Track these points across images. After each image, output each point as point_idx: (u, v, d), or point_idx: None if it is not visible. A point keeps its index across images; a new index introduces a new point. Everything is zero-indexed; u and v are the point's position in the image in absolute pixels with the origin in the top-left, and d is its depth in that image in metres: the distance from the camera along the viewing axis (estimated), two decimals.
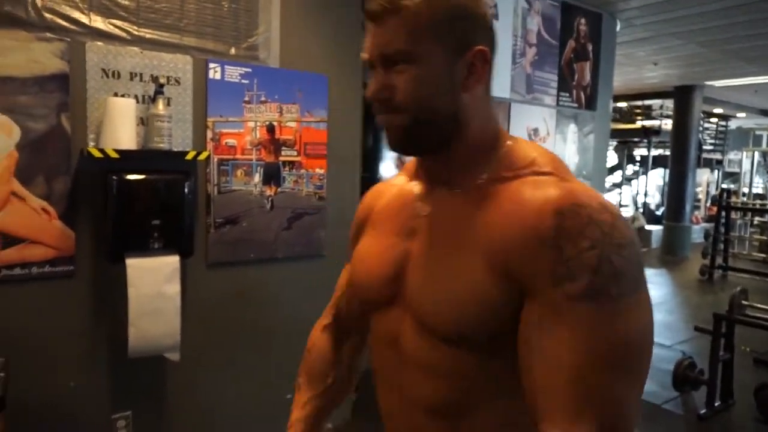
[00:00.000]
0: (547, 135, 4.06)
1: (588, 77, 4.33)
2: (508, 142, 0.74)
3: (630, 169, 11.44)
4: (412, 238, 0.76)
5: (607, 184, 11.63)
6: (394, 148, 0.74)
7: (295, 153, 2.44)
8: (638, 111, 9.58)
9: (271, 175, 2.39)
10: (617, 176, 11.05)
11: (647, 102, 9.28)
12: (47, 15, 1.85)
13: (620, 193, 10.69)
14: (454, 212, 0.72)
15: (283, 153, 2.41)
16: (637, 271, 0.61)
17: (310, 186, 2.50)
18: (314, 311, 1.10)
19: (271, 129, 2.37)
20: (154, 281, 1.94)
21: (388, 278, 0.76)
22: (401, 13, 0.66)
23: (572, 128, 4.26)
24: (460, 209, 0.71)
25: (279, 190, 2.41)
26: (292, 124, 2.42)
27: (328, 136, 2.53)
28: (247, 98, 2.29)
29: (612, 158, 11.49)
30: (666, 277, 7.18)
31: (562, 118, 4.16)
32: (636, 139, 10.22)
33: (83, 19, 1.91)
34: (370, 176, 3.29)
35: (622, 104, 9.37)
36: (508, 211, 0.65)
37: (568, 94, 4.18)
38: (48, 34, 1.85)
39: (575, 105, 4.25)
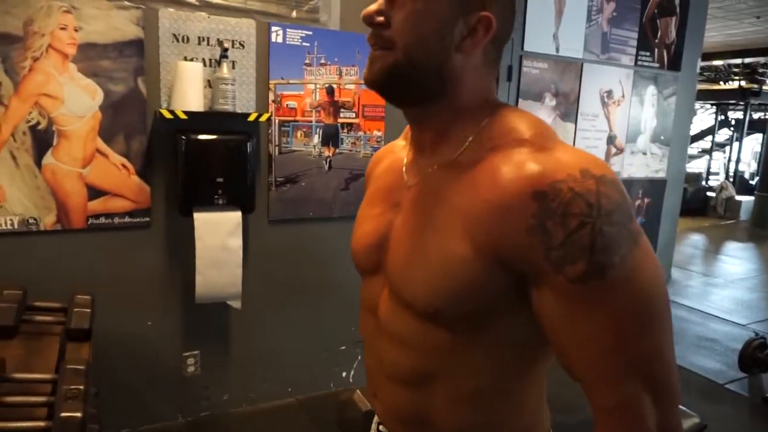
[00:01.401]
0: (621, 98, 3.85)
1: (673, 34, 4.01)
2: (498, 111, 0.70)
3: (723, 134, 10.54)
4: (397, 210, 0.76)
5: (694, 151, 10.82)
6: (369, 83, 0.71)
7: (354, 115, 2.50)
8: (737, 70, 8.73)
9: (330, 137, 2.47)
10: (707, 142, 10.23)
11: (748, 60, 8.42)
12: None
13: (710, 160, 9.91)
14: (436, 185, 0.71)
15: (341, 115, 2.48)
16: (630, 227, 0.59)
17: (367, 148, 2.56)
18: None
19: (330, 91, 2.43)
20: (218, 234, 2.11)
21: (373, 247, 0.78)
22: None
23: (651, 90, 4.00)
24: (441, 182, 0.70)
25: (337, 151, 2.49)
26: (351, 87, 2.47)
27: None
28: (307, 61, 2.36)
29: (704, 122, 10.64)
30: (753, 251, 6.68)
31: (640, 79, 3.91)
32: (732, 102, 9.36)
33: None
34: None
35: (718, 62, 8.57)
36: (487, 189, 0.63)
37: (648, 53, 3.91)
38: (126, 2, 1.99)
39: (656, 65, 3.97)
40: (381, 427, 0.86)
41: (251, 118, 2.16)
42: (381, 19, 0.67)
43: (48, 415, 1.23)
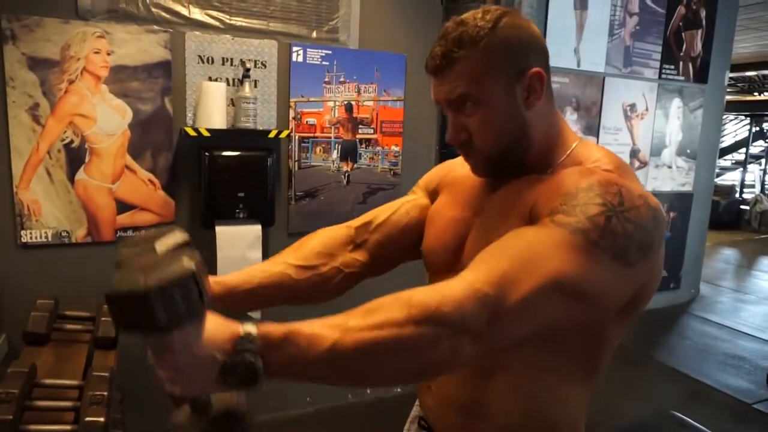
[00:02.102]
0: (645, 111, 3.81)
1: (699, 47, 3.97)
2: (576, 143, 0.80)
3: (758, 145, 10.25)
4: (479, 214, 0.83)
5: (728, 163, 10.53)
6: (481, 177, 0.83)
7: (372, 131, 2.56)
8: None
9: (348, 152, 2.53)
10: (742, 153, 9.95)
11: None
12: (154, 9, 2.09)
13: (744, 172, 9.63)
14: (516, 192, 0.78)
15: (360, 131, 2.54)
16: (630, 248, 0.65)
17: (385, 162, 2.61)
18: (384, 279, 1.12)
19: (349, 108, 2.50)
20: (239, 247, 2.18)
21: (452, 248, 0.84)
22: (456, 65, 0.74)
23: (676, 103, 3.95)
24: (524, 187, 0.77)
25: (355, 166, 2.55)
26: (370, 103, 2.53)
27: (404, 114, 2.61)
28: (327, 79, 2.43)
29: (738, 134, 10.36)
30: None
31: (665, 92, 3.87)
32: (767, 113, 9.11)
33: (184, 11, 2.14)
34: (449, 152, 3.33)
35: (752, 73, 8.37)
36: (555, 180, 0.73)
37: (673, 66, 3.87)
38: (155, 27, 2.10)
39: (682, 78, 3.92)
40: (422, 422, 0.90)
41: (272, 134, 2.24)
42: (464, 137, 0.77)
43: (74, 419, 1.31)
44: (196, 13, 2.16)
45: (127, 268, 0.56)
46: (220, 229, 2.16)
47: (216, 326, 0.57)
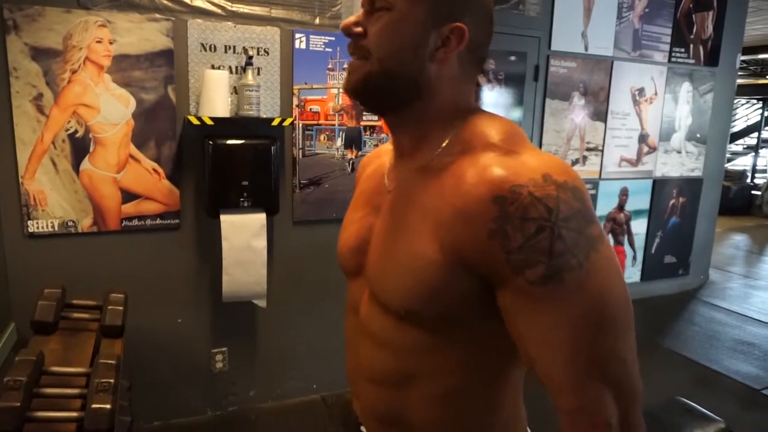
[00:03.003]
0: (654, 95, 3.76)
1: (710, 29, 3.89)
2: (470, 117, 0.72)
3: None
4: (377, 214, 0.79)
5: (739, 148, 10.38)
6: (347, 91, 0.74)
7: (376, 118, 2.54)
8: None
9: (352, 139, 2.52)
10: (753, 138, 9.81)
11: None
12: None
13: (755, 157, 9.50)
14: (410, 189, 0.73)
15: (364, 118, 2.52)
16: (589, 231, 0.61)
17: None
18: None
19: None
20: (244, 235, 2.18)
21: (355, 250, 0.80)
22: None
23: (686, 87, 3.89)
24: (415, 186, 0.72)
25: (360, 153, 2.54)
26: None
27: None
28: (330, 66, 2.41)
29: (750, 118, 10.21)
30: None
31: (674, 76, 3.81)
32: None
33: None
34: None
35: (764, 56, 8.21)
36: (453, 193, 0.65)
37: (683, 50, 3.81)
38: (157, 15, 2.09)
39: (692, 61, 3.86)
40: (362, 428, 0.89)
41: (275, 122, 2.23)
42: (359, 29, 0.70)
43: (81, 406, 1.32)
44: (198, 1, 2.15)
45: None
46: (224, 218, 2.16)
47: None
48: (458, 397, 0.73)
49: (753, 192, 8.42)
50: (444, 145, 0.72)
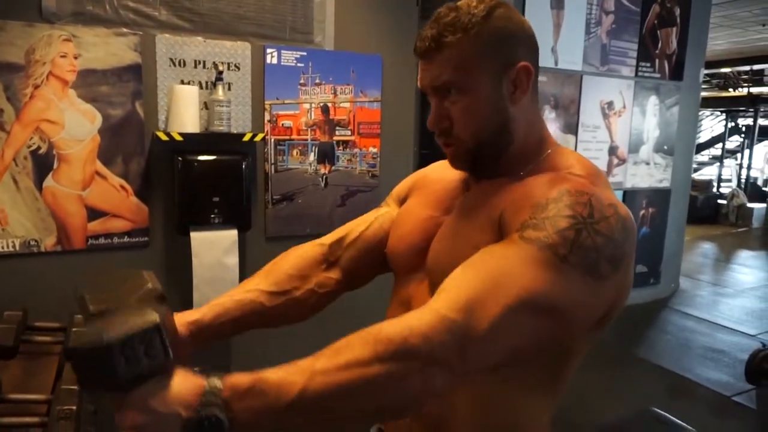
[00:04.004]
0: (623, 108, 3.85)
1: (674, 44, 4.01)
2: (552, 149, 0.78)
3: (734, 140, 10.43)
4: (447, 215, 0.82)
5: (705, 158, 10.71)
6: (458, 168, 0.81)
7: (349, 132, 2.54)
8: (745, 77, 8.67)
9: (326, 154, 2.50)
10: (718, 149, 10.13)
11: (756, 67, 8.36)
12: (122, 11, 2.05)
13: (720, 167, 9.80)
14: (486, 193, 0.76)
15: (337, 133, 2.51)
16: (601, 261, 0.63)
17: (363, 164, 2.59)
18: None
19: (325, 110, 2.47)
20: (215, 252, 2.14)
21: (418, 248, 0.82)
22: (445, 50, 0.72)
23: (653, 100, 4.00)
24: (494, 190, 0.76)
25: (333, 168, 2.53)
26: (346, 105, 2.51)
27: (381, 115, 2.59)
28: (302, 81, 2.40)
29: (715, 129, 10.54)
30: (765, 260, 6.57)
31: (642, 89, 3.91)
32: (742, 108, 9.28)
33: (153, 13, 2.09)
34: (431, 152, 3.32)
35: (726, 69, 8.52)
36: (526, 187, 0.71)
37: (649, 64, 3.91)
38: (123, 29, 2.05)
39: (657, 75, 3.97)
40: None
41: (246, 138, 2.21)
42: (445, 125, 0.75)
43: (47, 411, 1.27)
44: (166, 15, 2.12)
45: (88, 321, 0.54)
46: (195, 235, 2.12)
47: (181, 381, 0.56)
48: (501, 406, 0.74)
49: (719, 201, 8.67)
50: (531, 167, 0.76)
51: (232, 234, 2.17)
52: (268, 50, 2.31)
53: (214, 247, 2.14)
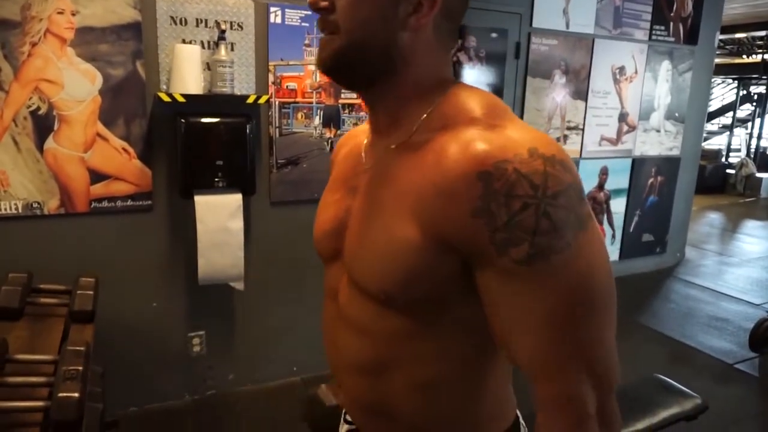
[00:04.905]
0: (634, 74, 3.75)
1: (690, 7, 3.88)
2: (449, 90, 0.68)
3: (745, 109, 10.24)
4: (354, 195, 0.75)
5: (715, 127, 10.54)
6: (320, 68, 0.70)
7: (355, 96, 2.48)
8: (760, 43, 8.44)
9: (331, 118, 2.45)
10: (729, 117, 9.96)
11: None
12: None
13: (730, 136, 9.65)
14: (387, 168, 0.69)
15: (343, 95, 2.46)
16: (578, 211, 0.58)
17: None
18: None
19: None
20: (219, 217, 2.12)
21: (331, 233, 0.77)
22: None
23: (666, 66, 3.89)
24: (393, 165, 0.69)
25: (338, 132, 2.48)
26: None
27: None
28: (307, 41, 2.33)
29: (726, 97, 10.34)
30: None
31: (655, 54, 3.80)
32: (755, 76, 9.07)
33: None
34: None
35: (741, 35, 8.28)
36: (434, 171, 0.62)
37: (663, 27, 3.79)
38: None
39: (672, 39, 3.85)
40: (347, 417, 0.86)
41: (250, 100, 2.15)
42: (325, 3, 0.66)
43: (48, 395, 1.27)
44: None
45: None
46: (199, 199, 2.09)
47: None
48: (441, 385, 0.70)
49: (727, 171, 8.58)
50: (422, 119, 0.67)
51: (237, 198, 2.14)
52: (272, 9, 2.24)
53: (218, 212, 2.12)
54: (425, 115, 0.67)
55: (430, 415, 0.71)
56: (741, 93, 9.52)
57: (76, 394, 1.22)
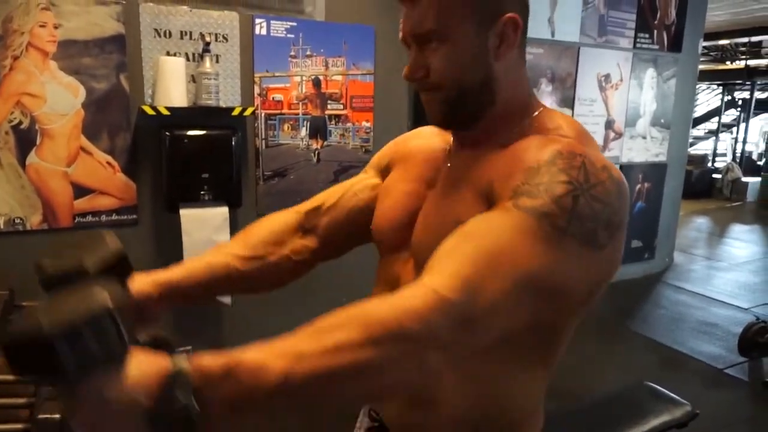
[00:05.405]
0: (620, 81, 3.79)
1: (673, 15, 3.93)
2: (539, 110, 0.74)
3: (730, 114, 10.38)
4: (431, 188, 0.78)
5: (701, 132, 10.66)
6: (435, 124, 0.76)
7: (341, 106, 2.48)
8: (743, 49, 8.56)
9: (318, 129, 2.45)
10: (714, 123, 10.08)
11: (755, 38, 8.25)
12: None
13: (716, 141, 9.77)
14: (471, 162, 0.72)
15: (329, 107, 2.45)
16: (600, 226, 0.60)
17: (356, 139, 2.54)
18: (357, 258, 1.10)
19: (317, 83, 2.40)
20: (205, 230, 2.10)
21: (401, 224, 0.78)
22: None
23: (650, 73, 3.93)
24: (477, 159, 0.72)
25: (325, 143, 2.47)
26: (338, 78, 2.44)
27: (374, 88, 2.53)
28: (292, 53, 2.33)
29: (711, 103, 10.47)
30: (759, 234, 6.60)
31: (639, 62, 3.84)
32: (738, 81, 9.20)
33: None
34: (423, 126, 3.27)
35: (725, 42, 8.41)
36: (515, 152, 0.67)
37: (647, 35, 3.84)
38: None
39: (656, 47, 3.89)
40: (373, 413, 0.84)
41: (235, 112, 2.15)
42: (422, 74, 0.70)
43: (30, 416, 1.24)
44: None
45: (32, 309, 0.47)
46: (184, 212, 2.07)
47: (140, 365, 0.48)
48: (491, 385, 0.71)
49: (714, 176, 8.66)
50: (516, 131, 0.72)
51: (223, 211, 2.13)
52: (257, 20, 2.24)
53: (204, 225, 2.10)
54: (518, 128, 0.72)
55: (476, 412, 0.72)
56: (726, 98, 9.65)
57: (57, 415, 1.20)
